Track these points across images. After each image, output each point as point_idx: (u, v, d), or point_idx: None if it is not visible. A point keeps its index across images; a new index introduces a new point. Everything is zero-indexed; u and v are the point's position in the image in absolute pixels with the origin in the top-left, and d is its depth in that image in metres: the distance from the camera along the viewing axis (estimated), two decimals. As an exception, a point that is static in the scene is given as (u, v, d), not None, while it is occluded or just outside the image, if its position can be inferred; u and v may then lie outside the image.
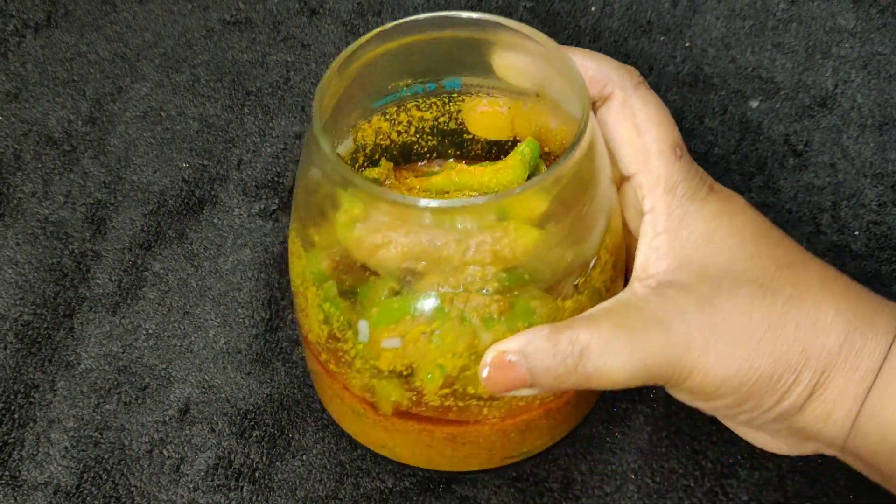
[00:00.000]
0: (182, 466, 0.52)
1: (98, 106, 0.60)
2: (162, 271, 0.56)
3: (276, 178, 0.58)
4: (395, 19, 0.62)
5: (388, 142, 0.50)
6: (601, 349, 0.41)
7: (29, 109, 0.60)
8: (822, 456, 0.53)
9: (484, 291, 0.42)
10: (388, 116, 0.49)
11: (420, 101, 0.49)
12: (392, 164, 0.49)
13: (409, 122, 0.50)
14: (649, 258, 0.44)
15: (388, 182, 0.48)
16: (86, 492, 0.51)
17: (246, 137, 0.59)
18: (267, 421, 0.53)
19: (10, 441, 0.52)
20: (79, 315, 0.55)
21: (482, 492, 0.51)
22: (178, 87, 0.60)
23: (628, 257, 0.47)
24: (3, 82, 0.60)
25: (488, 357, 0.41)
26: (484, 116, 0.49)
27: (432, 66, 0.47)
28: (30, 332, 0.54)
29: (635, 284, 0.43)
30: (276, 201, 0.58)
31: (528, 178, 0.47)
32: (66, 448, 0.52)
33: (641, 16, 0.64)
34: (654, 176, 0.44)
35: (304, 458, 0.52)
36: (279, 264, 0.56)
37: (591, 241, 0.44)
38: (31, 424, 0.52)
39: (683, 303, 0.42)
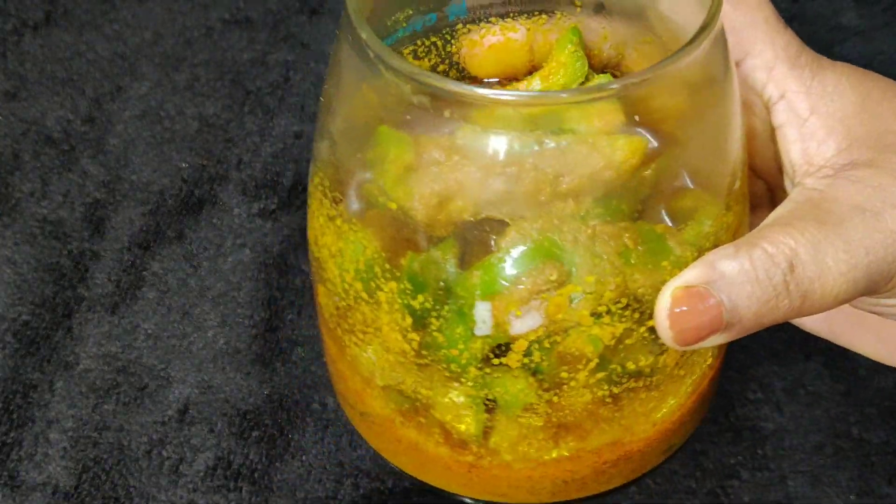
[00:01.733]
0: (181, 467, 0.51)
1: (97, 105, 0.60)
2: (161, 271, 0.56)
3: (275, 178, 0.58)
4: (396, 18, 0.62)
5: None
6: (814, 255, 0.32)
7: (27, 109, 0.60)
8: (823, 456, 0.52)
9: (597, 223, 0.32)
10: None
11: (418, 43, 0.40)
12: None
13: None
14: (808, 147, 0.36)
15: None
16: (84, 492, 0.51)
17: (245, 137, 0.59)
18: (266, 421, 0.52)
19: (8, 441, 0.52)
20: (77, 315, 0.55)
21: (482, 493, 0.51)
22: (177, 86, 0.60)
23: (756, 156, 0.38)
24: (1, 81, 0.60)
25: (666, 297, 0.32)
26: (493, 51, 0.40)
27: None
28: (28, 332, 0.54)
29: (808, 181, 0.35)
30: (276, 201, 0.58)
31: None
32: (64, 448, 0.52)
33: (642, 15, 0.64)
34: (770, 53, 0.37)
35: (304, 458, 0.52)
36: (279, 264, 0.56)
37: (731, 149, 0.35)
38: (30, 425, 0.52)
39: (882, 182, 0.34)
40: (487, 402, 0.33)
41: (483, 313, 0.31)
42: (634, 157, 0.32)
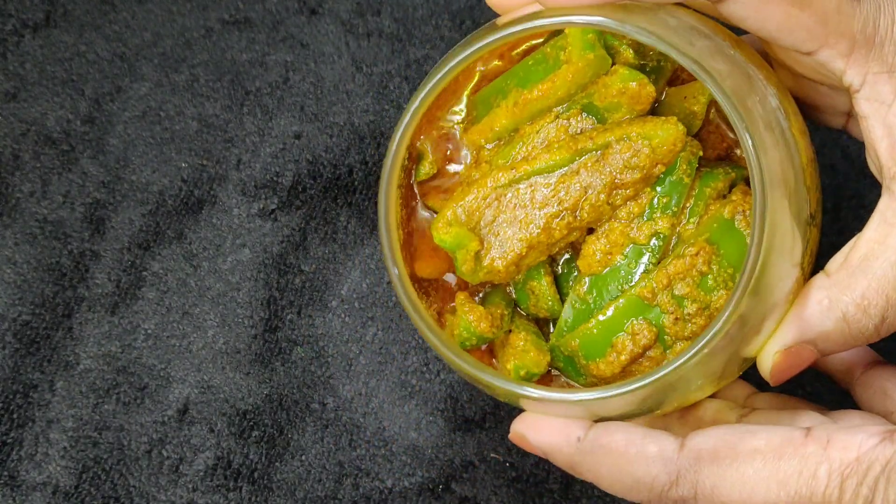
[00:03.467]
0: (181, 467, 0.52)
1: (97, 106, 0.60)
2: (161, 271, 0.56)
3: (275, 178, 0.58)
4: (395, 19, 0.62)
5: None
6: None
7: (27, 109, 0.60)
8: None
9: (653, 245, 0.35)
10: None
11: None
12: (428, 138, 0.41)
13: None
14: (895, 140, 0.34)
15: (461, 157, 0.40)
16: (84, 492, 0.51)
17: (245, 137, 0.59)
18: (266, 421, 0.52)
19: (8, 441, 0.52)
20: (77, 315, 0.55)
21: (482, 492, 0.51)
22: (176, 86, 0.60)
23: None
24: (1, 82, 0.60)
25: (769, 359, 0.35)
26: None
27: None
28: (28, 332, 0.54)
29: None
30: (276, 201, 0.58)
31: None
32: (64, 448, 0.52)
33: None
34: (845, 42, 0.34)
35: (303, 458, 0.52)
36: (278, 264, 0.56)
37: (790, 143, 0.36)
38: (30, 424, 0.52)
39: None
40: None
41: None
42: (678, 144, 0.34)
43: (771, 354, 0.35)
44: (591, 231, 0.38)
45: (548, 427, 0.36)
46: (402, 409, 0.53)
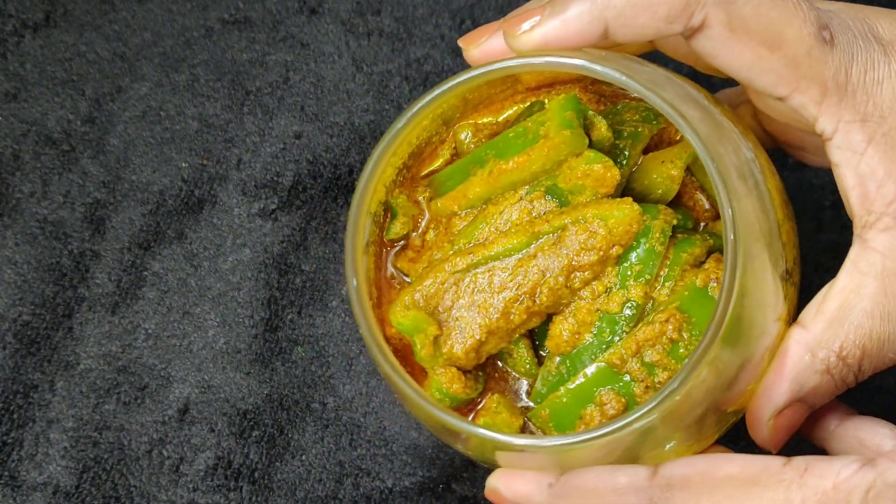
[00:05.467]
0: (181, 466, 0.52)
1: (97, 106, 0.60)
2: (161, 271, 0.56)
3: (275, 178, 0.58)
4: (395, 18, 0.62)
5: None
6: (881, 348, 0.34)
7: (28, 109, 0.60)
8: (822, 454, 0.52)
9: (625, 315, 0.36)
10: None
11: None
12: (404, 194, 0.41)
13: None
14: (868, 190, 0.34)
15: (421, 226, 0.40)
16: (85, 492, 0.51)
17: (245, 137, 0.59)
18: (266, 421, 0.52)
19: (9, 441, 0.52)
20: (78, 315, 0.55)
21: (482, 491, 0.51)
22: (177, 86, 0.60)
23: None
24: (1, 82, 0.60)
25: (766, 428, 0.35)
26: None
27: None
28: (29, 333, 0.54)
29: (869, 235, 0.35)
30: (276, 201, 0.58)
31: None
32: (65, 448, 0.52)
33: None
34: (816, 88, 0.34)
35: (304, 458, 0.52)
36: (279, 264, 0.56)
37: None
38: (31, 424, 0.52)
39: None
40: None
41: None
42: (633, 225, 0.35)
43: (766, 421, 0.35)
44: (552, 315, 0.38)
45: (520, 478, 0.36)
46: (402, 409, 0.53)
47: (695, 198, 0.39)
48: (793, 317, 0.37)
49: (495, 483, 0.37)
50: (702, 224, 0.39)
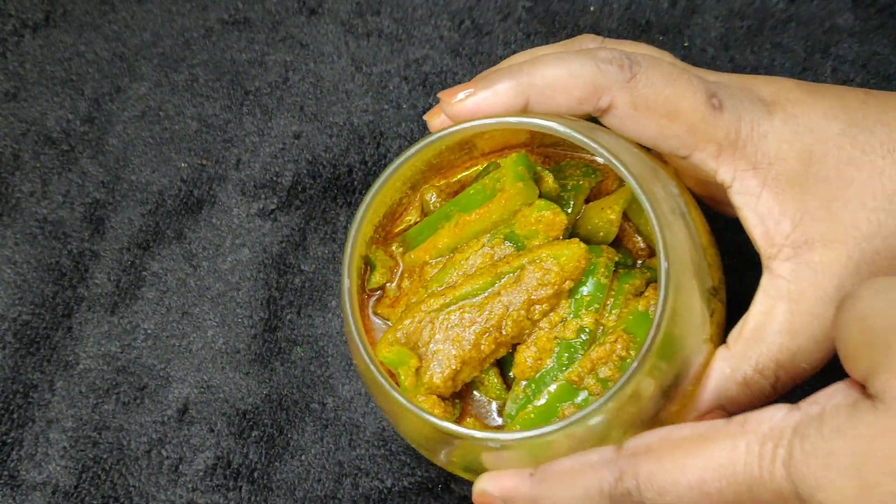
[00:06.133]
0: (181, 466, 0.52)
1: (96, 105, 0.60)
2: (160, 271, 0.56)
3: (274, 178, 0.58)
4: (394, 19, 0.62)
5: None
6: (792, 361, 0.40)
7: (27, 109, 0.60)
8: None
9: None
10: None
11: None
12: (381, 249, 0.46)
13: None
14: (768, 228, 0.40)
15: (396, 275, 0.46)
16: (84, 492, 0.51)
17: (244, 137, 0.59)
18: (265, 421, 0.53)
19: (8, 441, 0.52)
20: (77, 315, 0.55)
21: (481, 492, 0.51)
22: (176, 86, 0.60)
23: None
24: (1, 82, 0.60)
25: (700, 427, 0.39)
26: None
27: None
28: (28, 332, 0.54)
29: (774, 265, 0.40)
30: (275, 201, 0.58)
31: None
32: (64, 448, 0.52)
33: (640, 15, 0.64)
34: (712, 147, 0.40)
35: (303, 458, 0.52)
36: (278, 264, 0.56)
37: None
38: (30, 424, 0.52)
39: (835, 266, 0.39)
40: None
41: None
42: (581, 261, 0.41)
43: (698, 414, 0.41)
44: (516, 345, 0.43)
45: (504, 475, 0.40)
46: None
47: (633, 240, 0.44)
48: (723, 329, 0.42)
49: (483, 485, 0.41)
50: (639, 261, 0.44)
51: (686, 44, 0.64)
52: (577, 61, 0.41)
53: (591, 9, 0.64)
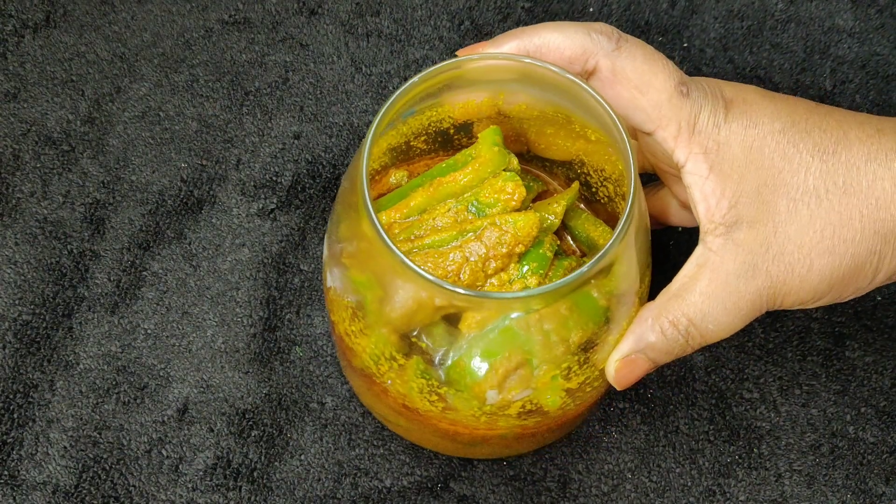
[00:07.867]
0: (181, 466, 0.52)
1: (97, 106, 0.60)
2: (160, 271, 0.56)
3: (274, 178, 0.58)
4: (394, 20, 0.62)
5: None
6: (702, 320, 0.45)
7: (28, 109, 0.60)
8: (819, 455, 0.53)
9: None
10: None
11: None
12: None
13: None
14: (709, 206, 0.45)
15: None
16: (84, 491, 0.51)
17: (244, 137, 0.59)
18: (265, 420, 0.53)
19: (8, 441, 0.52)
20: (77, 315, 0.55)
21: (480, 491, 0.52)
22: (176, 87, 0.60)
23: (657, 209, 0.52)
24: (1, 82, 0.60)
25: (612, 367, 0.46)
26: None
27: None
28: (29, 332, 0.55)
29: (708, 238, 0.45)
30: (275, 201, 0.58)
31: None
32: (64, 448, 0.52)
33: (640, 16, 0.64)
34: (674, 126, 0.45)
35: (303, 457, 0.52)
36: (278, 264, 0.56)
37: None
38: (30, 424, 0.53)
39: (752, 244, 0.45)
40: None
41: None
42: (534, 229, 0.46)
43: (613, 363, 0.45)
44: None
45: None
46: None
47: (567, 242, 0.50)
48: (647, 296, 0.47)
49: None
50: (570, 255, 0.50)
51: (685, 44, 0.64)
52: (573, 28, 0.46)
53: (591, 10, 0.64)
